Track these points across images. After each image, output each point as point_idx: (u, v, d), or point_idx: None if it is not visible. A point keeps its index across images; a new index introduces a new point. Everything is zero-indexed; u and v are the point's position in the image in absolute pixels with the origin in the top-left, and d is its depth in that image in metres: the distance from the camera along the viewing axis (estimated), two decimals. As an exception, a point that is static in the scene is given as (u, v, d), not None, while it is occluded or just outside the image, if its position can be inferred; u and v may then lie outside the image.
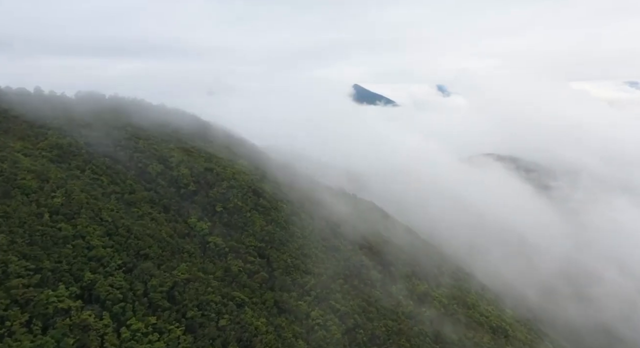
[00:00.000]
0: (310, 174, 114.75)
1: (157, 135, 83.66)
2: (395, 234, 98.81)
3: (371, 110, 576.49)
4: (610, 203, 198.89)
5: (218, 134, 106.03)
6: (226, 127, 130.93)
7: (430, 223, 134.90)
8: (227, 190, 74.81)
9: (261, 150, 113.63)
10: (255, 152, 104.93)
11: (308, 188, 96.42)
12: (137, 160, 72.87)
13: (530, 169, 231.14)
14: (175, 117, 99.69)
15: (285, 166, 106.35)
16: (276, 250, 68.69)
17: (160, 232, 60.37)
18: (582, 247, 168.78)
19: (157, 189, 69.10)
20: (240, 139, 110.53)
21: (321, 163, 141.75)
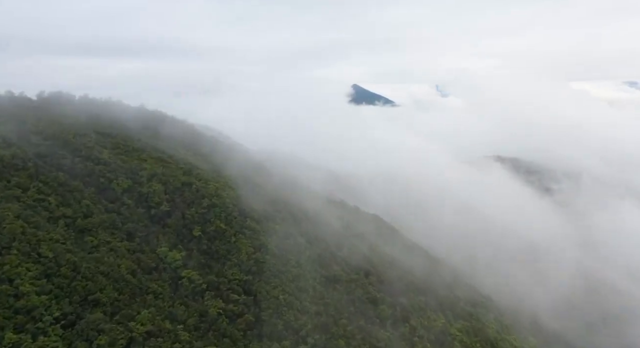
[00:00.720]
0: (307, 184, 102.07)
1: (128, 142, 70.78)
2: (402, 253, 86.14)
3: (370, 110, 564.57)
4: (616, 207, 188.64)
5: (205, 139, 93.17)
6: (216, 131, 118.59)
7: (430, 231, 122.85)
8: (208, 210, 62.01)
9: (253, 157, 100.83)
10: (247, 160, 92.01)
11: (305, 202, 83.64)
12: (100, 174, 59.98)
13: (532, 171, 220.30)
14: (155, 121, 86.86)
15: (279, 175, 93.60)
16: (265, 284, 55.97)
17: (119, 267, 47.66)
18: (591, 252, 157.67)
19: (121, 210, 56.28)
20: (230, 145, 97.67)
21: (318, 168, 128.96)
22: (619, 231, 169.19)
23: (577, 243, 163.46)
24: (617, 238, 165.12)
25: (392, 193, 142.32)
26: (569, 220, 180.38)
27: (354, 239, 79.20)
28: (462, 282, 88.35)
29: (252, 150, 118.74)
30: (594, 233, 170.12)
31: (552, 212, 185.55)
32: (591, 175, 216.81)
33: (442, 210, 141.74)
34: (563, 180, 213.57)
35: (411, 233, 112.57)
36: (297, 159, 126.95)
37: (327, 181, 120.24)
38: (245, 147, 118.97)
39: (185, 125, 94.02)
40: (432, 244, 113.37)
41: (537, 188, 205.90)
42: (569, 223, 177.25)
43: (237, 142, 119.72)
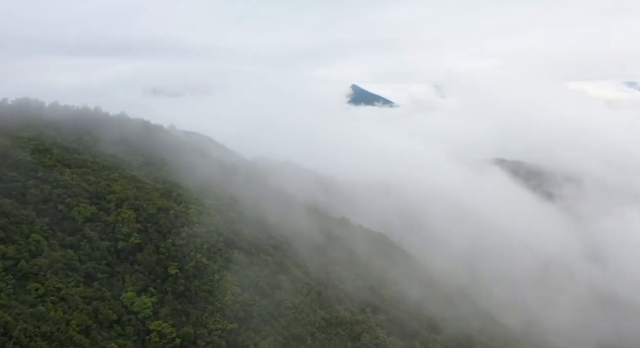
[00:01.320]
0: (305, 197, 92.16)
1: (98, 159, 60.57)
2: (412, 280, 76.19)
3: (368, 111, 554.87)
4: (621, 214, 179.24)
5: (192, 151, 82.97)
6: (208, 139, 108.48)
7: (430, 241, 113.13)
8: (188, 241, 51.90)
9: (246, 169, 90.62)
10: (238, 173, 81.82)
11: (301, 221, 73.64)
12: (58, 199, 49.88)
13: (532, 175, 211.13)
14: (136, 131, 76.57)
15: (273, 191, 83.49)
16: (254, 334, 45.96)
17: (68, 324, 37.57)
18: (599, 264, 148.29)
19: (80, 245, 46.21)
20: (220, 156, 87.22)
21: (316, 177, 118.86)
22: (628, 240, 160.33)
23: (584, 253, 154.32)
24: (626, 248, 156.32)
25: (389, 201, 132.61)
26: (574, 228, 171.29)
27: (359, 267, 69.26)
28: (481, 313, 78.31)
29: (246, 159, 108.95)
30: (601, 242, 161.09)
31: (557, 220, 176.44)
32: (593, 179, 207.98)
33: (443, 219, 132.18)
34: (565, 184, 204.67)
35: (410, 244, 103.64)
36: (293, 168, 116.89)
37: (326, 192, 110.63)
38: (239, 155, 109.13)
39: (170, 136, 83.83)
40: (433, 255, 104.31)
41: (539, 193, 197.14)
42: (574, 232, 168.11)
43: (230, 150, 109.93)
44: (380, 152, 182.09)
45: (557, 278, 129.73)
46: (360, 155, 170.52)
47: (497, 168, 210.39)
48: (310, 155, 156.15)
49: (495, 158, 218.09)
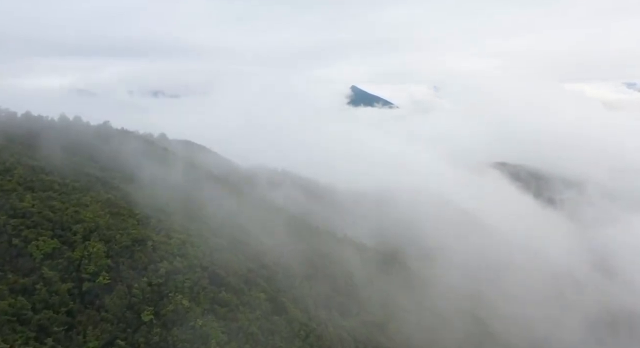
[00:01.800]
0: (303, 215, 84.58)
1: (67, 180, 52.84)
2: (419, 306, 68.80)
3: (368, 113, 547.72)
4: (627, 221, 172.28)
5: (182, 164, 75.29)
6: (200, 149, 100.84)
7: (430, 252, 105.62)
8: (167, 279, 44.32)
9: (239, 182, 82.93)
10: (230, 189, 74.09)
11: (298, 242, 66.07)
12: (13, 232, 42.26)
13: (534, 180, 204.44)
14: (118, 145, 68.78)
15: (269, 204, 75.78)
16: (243, 395, 38.44)
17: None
18: (608, 276, 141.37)
19: (35, 290, 38.60)
20: (212, 170, 79.40)
21: (312, 185, 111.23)
22: (635, 249, 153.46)
23: (592, 263, 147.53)
24: (634, 257, 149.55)
25: (388, 209, 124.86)
26: (579, 236, 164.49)
27: (362, 296, 61.70)
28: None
29: (241, 169, 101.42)
30: (607, 252, 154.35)
31: (562, 227, 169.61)
32: (594, 183, 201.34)
33: (444, 228, 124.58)
34: (567, 189, 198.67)
35: (411, 257, 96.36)
36: (290, 177, 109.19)
37: (324, 203, 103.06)
38: (233, 165, 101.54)
39: (159, 148, 76.05)
40: (436, 268, 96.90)
41: (541, 199, 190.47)
42: (579, 241, 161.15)
43: (224, 159, 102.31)
44: (378, 158, 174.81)
45: (565, 292, 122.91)
46: (358, 161, 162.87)
47: (498, 172, 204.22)
48: (308, 162, 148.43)
49: (496, 162, 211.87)
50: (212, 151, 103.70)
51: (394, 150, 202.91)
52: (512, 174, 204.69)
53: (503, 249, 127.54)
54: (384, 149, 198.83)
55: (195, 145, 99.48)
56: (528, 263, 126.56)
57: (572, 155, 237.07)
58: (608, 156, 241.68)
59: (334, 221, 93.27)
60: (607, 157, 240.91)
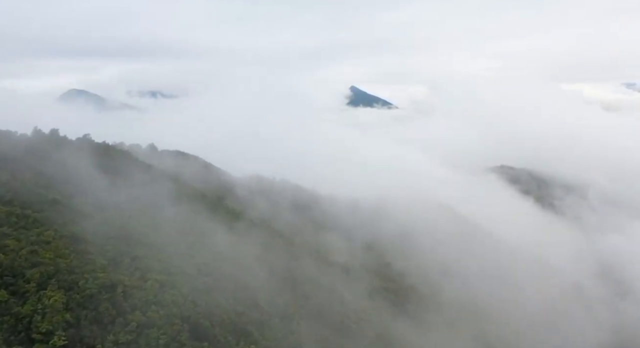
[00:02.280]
0: (301, 230, 77.12)
1: (29, 211, 45.18)
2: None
3: (367, 113, 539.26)
4: (632, 229, 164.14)
5: (167, 183, 67.64)
6: (191, 159, 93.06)
7: (429, 267, 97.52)
8: (139, 334, 36.78)
9: (232, 197, 75.33)
10: (220, 209, 66.54)
11: (297, 274, 58.64)
12: (-49, 283, 34.77)
13: (535, 184, 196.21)
14: (96, 161, 61.03)
15: (263, 225, 68.24)
16: None
17: None
18: (615, 288, 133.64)
19: (-29, 360, 31.22)
20: (201, 187, 71.74)
21: (310, 197, 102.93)
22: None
23: (600, 275, 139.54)
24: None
25: (387, 218, 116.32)
26: (584, 245, 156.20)
27: (367, 335, 54.33)
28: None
29: (234, 180, 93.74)
30: (614, 262, 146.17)
31: (565, 235, 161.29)
32: (596, 188, 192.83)
33: (444, 236, 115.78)
34: (568, 195, 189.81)
35: (414, 272, 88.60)
36: (286, 188, 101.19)
37: (323, 217, 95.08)
38: (226, 176, 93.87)
39: (142, 164, 68.25)
40: (439, 284, 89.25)
41: (543, 205, 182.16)
42: (585, 250, 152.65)
43: (217, 170, 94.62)
44: (377, 164, 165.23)
45: (575, 311, 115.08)
46: (356, 167, 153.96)
47: (498, 176, 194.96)
48: (304, 168, 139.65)
49: (495, 165, 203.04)
50: (205, 161, 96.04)
51: (391, 154, 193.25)
52: (513, 177, 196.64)
53: (507, 260, 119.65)
54: (382, 154, 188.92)
55: (186, 156, 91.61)
56: (534, 276, 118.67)
57: (573, 158, 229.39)
58: (608, 159, 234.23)
59: (335, 238, 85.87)
60: (608, 159, 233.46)
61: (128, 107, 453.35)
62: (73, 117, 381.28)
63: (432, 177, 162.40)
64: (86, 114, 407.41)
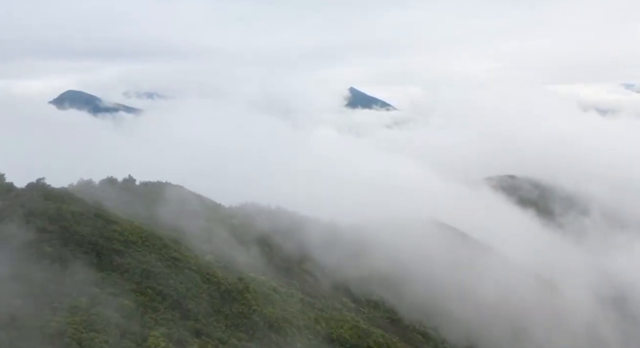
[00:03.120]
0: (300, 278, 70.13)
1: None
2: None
3: (366, 115, 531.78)
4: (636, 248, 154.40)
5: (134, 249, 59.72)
6: (175, 190, 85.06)
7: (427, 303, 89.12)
8: None
9: (213, 245, 68.12)
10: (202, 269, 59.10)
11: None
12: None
13: (536, 196, 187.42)
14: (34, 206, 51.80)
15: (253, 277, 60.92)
16: None
17: None
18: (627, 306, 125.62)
19: None
20: (178, 242, 63.25)
21: (313, 228, 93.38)
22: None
23: (612, 302, 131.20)
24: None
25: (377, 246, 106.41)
26: (590, 264, 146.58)
27: None
28: None
29: (222, 212, 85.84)
30: (620, 284, 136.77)
31: (571, 254, 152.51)
32: (596, 202, 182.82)
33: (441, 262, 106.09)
34: (570, 209, 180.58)
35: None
36: (283, 219, 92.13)
37: (324, 252, 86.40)
38: (212, 208, 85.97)
39: (101, 223, 59.85)
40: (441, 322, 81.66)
41: (546, 219, 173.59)
42: (592, 271, 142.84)
43: (201, 202, 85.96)
44: (368, 178, 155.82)
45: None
46: (358, 184, 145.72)
47: (497, 187, 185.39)
48: (293, 189, 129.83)
49: (494, 175, 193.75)
50: (191, 193, 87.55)
51: (384, 167, 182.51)
52: (511, 188, 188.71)
53: (513, 282, 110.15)
54: (374, 168, 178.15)
55: (168, 186, 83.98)
56: (543, 305, 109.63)
57: (573, 166, 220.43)
58: (610, 166, 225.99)
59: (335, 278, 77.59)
60: (609, 167, 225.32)
61: (124, 108, 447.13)
62: (68, 119, 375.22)
63: (428, 191, 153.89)
64: (81, 116, 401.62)
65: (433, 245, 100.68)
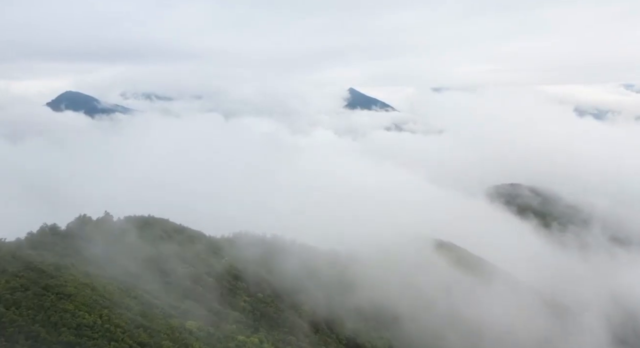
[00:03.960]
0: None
1: None
2: None
3: (364, 116, 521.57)
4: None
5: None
6: (158, 224, 74.95)
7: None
8: None
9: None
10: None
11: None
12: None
13: (535, 203, 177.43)
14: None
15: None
16: None
17: None
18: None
19: None
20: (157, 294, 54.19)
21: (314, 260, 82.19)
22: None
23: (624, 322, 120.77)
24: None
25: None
26: (597, 281, 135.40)
27: None
28: None
29: (207, 243, 75.76)
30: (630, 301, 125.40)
31: (578, 270, 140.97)
32: (598, 216, 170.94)
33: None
34: (572, 222, 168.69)
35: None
36: (279, 249, 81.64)
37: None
38: (197, 238, 75.63)
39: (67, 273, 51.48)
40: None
41: (547, 231, 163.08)
42: (600, 287, 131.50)
43: (190, 236, 75.28)
44: (369, 192, 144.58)
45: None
46: (352, 199, 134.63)
47: (496, 198, 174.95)
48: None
49: (493, 185, 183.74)
50: (177, 226, 77.05)
51: (378, 179, 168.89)
52: (510, 198, 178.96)
53: (520, 309, 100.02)
54: (367, 181, 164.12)
55: (153, 222, 73.74)
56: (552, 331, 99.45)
57: (574, 175, 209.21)
58: (608, 175, 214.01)
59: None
60: (608, 175, 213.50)
61: (122, 108, 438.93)
62: (63, 122, 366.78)
63: (425, 203, 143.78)
64: (77, 118, 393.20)
65: (430, 271, 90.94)
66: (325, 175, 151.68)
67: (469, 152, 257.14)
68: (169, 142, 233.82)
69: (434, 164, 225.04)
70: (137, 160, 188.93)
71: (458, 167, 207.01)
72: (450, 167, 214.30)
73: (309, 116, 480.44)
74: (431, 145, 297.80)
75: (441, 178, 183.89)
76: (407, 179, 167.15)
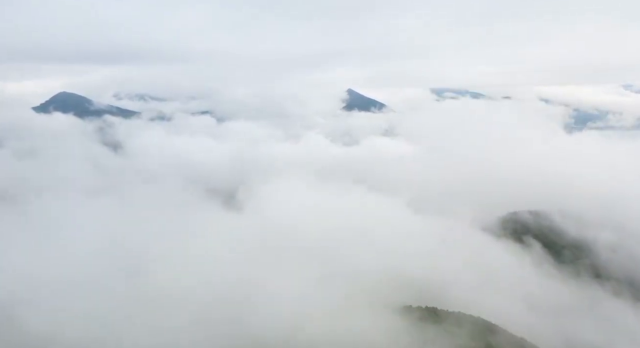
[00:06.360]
0: None
1: None
2: None
3: (362, 118, 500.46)
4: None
5: None
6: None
7: None
8: None
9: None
10: None
11: None
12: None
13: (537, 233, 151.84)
14: None
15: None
16: None
17: None
18: None
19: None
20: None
21: None
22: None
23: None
24: None
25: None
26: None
27: None
28: None
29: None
30: None
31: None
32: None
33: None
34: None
35: None
36: None
37: None
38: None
39: None
40: None
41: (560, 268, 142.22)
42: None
43: None
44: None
45: None
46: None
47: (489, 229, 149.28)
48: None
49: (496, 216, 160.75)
50: None
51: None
52: (505, 223, 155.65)
53: None
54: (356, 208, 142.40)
55: None
56: None
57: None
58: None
59: None
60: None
61: (116, 109, 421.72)
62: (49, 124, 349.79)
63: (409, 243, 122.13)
64: (66, 120, 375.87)
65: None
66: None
67: (462, 167, 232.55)
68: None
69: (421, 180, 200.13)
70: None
71: (445, 193, 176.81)
72: (438, 191, 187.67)
73: (305, 118, 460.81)
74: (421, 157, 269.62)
75: (432, 203, 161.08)
76: (385, 206, 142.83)
